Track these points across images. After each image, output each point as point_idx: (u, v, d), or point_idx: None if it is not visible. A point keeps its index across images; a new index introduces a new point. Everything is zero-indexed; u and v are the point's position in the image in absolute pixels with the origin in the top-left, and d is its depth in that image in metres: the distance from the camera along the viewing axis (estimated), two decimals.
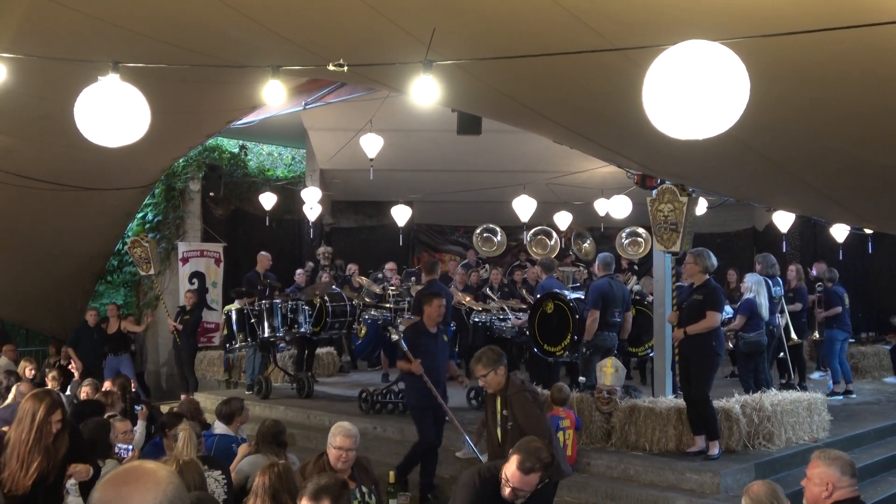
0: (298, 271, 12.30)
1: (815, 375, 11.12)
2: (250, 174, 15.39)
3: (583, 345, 8.20)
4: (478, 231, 14.68)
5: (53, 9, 5.47)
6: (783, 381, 9.74)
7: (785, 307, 9.73)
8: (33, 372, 9.40)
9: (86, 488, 4.29)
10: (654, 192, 7.60)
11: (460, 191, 13.72)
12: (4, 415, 6.33)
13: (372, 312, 9.68)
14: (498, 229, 14.61)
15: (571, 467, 7.03)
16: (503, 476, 3.83)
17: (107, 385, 7.75)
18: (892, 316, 12.29)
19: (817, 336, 10.40)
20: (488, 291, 10.93)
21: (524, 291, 11.29)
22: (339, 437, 4.44)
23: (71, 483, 4.44)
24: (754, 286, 8.81)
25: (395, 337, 7.00)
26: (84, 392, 7.57)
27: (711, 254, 7.19)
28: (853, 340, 11.47)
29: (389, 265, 12.23)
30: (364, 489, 4.57)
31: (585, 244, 14.47)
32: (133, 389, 8.81)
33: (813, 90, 4.55)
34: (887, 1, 3.41)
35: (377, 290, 10.25)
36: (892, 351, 11.80)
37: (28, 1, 5.58)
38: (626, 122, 5.36)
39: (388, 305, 9.69)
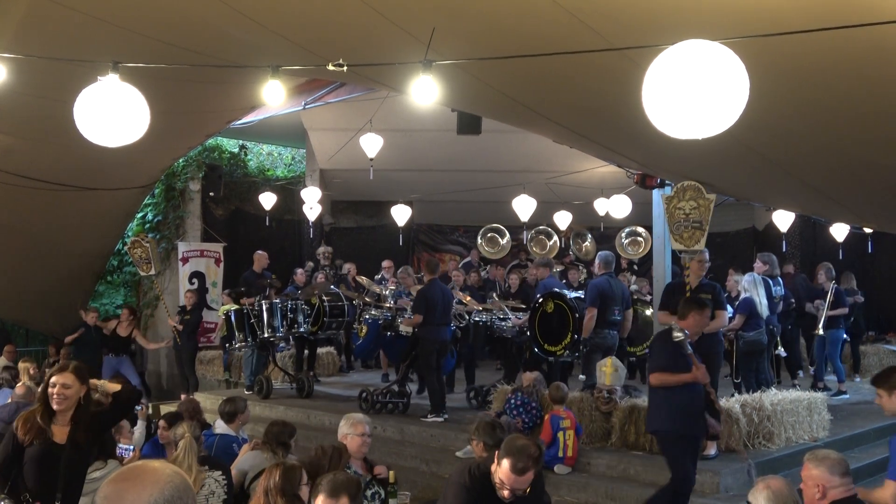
0: (298, 271, 12.30)
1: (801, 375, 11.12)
2: (250, 174, 15.40)
3: (581, 343, 8.21)
4: (482, 231, 14.67)
5: (53, 8, 5.47)
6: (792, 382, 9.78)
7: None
8: (36, 372, 9.42)
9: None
10: (671, 189, 7.50)
11: (460, 190, 13.72)
12: (2, 414, 6.33)
13: (372, 312, 9.67)
14: (506, 231, 14.59)
15: (571, 468, 7.06)
16: (497, 479, 3.83)
17: None
18: None
19: (821, 332, 10.32)
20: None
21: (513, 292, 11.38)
22: (361, 426, 4.88)
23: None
24: (748, 285, 8.82)
25: (678, 336, 5.35)
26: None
27: None
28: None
29: (386, 263, 12.22)
30: (374, 481, 4.84)
31: (586, 243, 14.46)
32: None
33: (812, 89, 4.56)
34: (887, 0, 3.41)
35: (378, 289, 10.25)
36: None
37: (28, 0, 5.58)
38: (626, 121, 5.36)
39: (387, 305, 9.69)
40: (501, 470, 3.78)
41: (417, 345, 8.84)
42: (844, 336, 10.40)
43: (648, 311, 9.42)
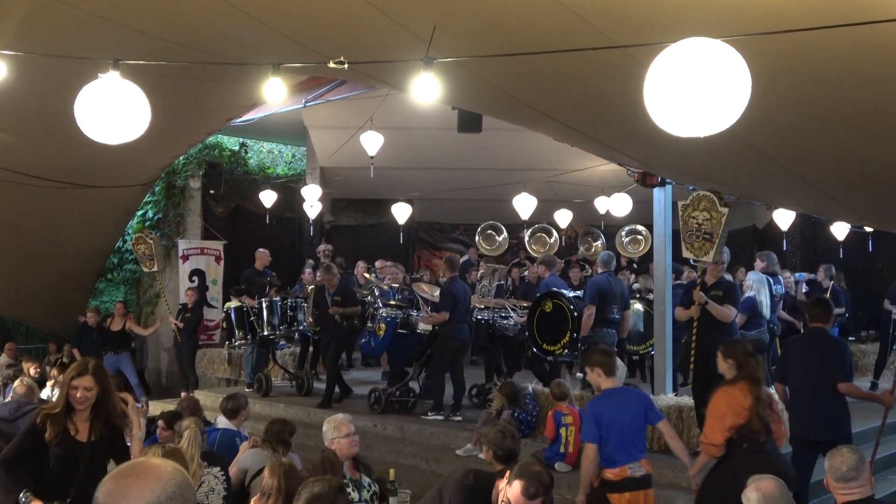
0: (306, 270, 12.26)
1: None
2: (250, 172, 15.40)
3: (579, 341, 8.21)
4: (481, 228, 14.67)
5: (54, 6, 5.46)
6: None
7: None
8: (38, 371, 9.46)
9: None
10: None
11: (461, 188, 13.72)
12: (3, 412, 6.35)
13: (384, 310, 9.48)
14: (503, 228, 14.58)
15: (572, 466, 7.06)
16: (504, 498, 3.79)
17: None
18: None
19: None
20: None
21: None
22: (346, 426, 4.75)
23: None
24: (755, 284, 8.81)
25: None
26: None
27: None
28: (853, 339, 11.47)
29: (379, 264, 12.18)
30: (367, 479, 4.79)
31: (597, 243, 14.43)
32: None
33: (814, 88, 4.55)
34: None
35: (385, 286, 10.20)
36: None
37: None
38: (627, 119, 5.35)
39: (392, 303, 9.61)
40: (511, 491, 3.71)
41: (434, 342, 8.79)
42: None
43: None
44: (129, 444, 4.62)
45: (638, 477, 4.92)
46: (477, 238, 14.66)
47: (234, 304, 10.73)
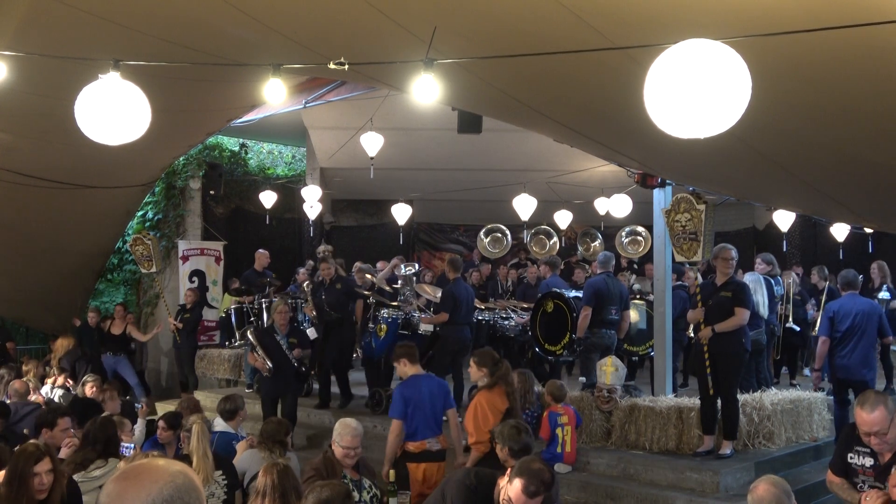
0: (300, 270, 12.27)
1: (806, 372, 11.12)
2: (251, 172, 15.40)
3: (576, 342, 8.20)
4: (484, 231, 14.63)
5: (54, 6, 5.46)
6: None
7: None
8: (42, 369, 9.51)
9: None
10: (669, 202, 7.59)
11: (461, 189, 13.72)
12: (23, 411, 6.41)
13: (385, 311, 9.43)
14: (506, 230, 14.57)
15: (571, 466, 7.06)
16: (505, 497, 3.78)
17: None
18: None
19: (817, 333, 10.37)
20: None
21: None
22: (348, 438, 4.70)
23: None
24: (753, 285, 8.80)
25: None
26: (89, 388, 7.65)
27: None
28: None
29: (381, 264, 12.18)
30: (367, 481, 4.78)
31: (595, 243, 14.43)
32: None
33: (814, 89, 4.55)
34: (887, 0, 3.41)
35: (388, 288, 10.17)
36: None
37: None
38: (627, 120, 5.35)
39: (394, 304, 9.59)
40: (512, 488, 3.68)
41: (435, 343, 8.77)
42: None
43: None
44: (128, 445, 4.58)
45: (434, 451, 5.71)
46: (484, 241, 14.58)
47: (229, 299, 10.71)
